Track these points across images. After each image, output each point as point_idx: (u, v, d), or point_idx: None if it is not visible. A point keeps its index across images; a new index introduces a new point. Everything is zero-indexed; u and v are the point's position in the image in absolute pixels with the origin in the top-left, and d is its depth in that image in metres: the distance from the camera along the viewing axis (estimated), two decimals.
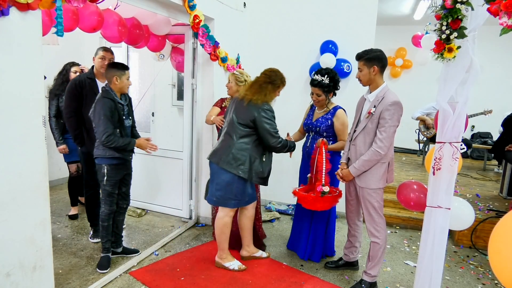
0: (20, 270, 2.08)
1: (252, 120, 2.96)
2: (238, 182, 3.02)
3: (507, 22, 1.69)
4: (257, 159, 3.04)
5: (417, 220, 4.41)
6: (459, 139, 2.26)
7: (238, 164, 2.98)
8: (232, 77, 3.46)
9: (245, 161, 2.99)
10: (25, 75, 2.02)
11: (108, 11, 3.16)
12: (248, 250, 3.42)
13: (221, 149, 3.07)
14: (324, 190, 2.95)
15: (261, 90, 3.01)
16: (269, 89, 3.04)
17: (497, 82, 7.60)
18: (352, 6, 4.37)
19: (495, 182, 5.72)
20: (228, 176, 3.00)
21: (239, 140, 3.01)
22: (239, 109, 3.04)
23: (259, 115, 2.94)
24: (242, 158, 2.99)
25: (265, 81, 3.05)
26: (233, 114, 3.07)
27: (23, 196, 2.06)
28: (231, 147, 3.01)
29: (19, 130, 1.99)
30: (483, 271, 3.45)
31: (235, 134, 3.02)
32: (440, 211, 2.34)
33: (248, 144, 3.01)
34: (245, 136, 3.01)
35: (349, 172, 2.87)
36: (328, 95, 3.25)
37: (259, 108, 2.95)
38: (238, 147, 2.99)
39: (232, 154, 2.99)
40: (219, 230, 3.17)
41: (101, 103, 2.92)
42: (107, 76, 3.00)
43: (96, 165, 3.09)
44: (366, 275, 2.98)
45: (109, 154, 3.00)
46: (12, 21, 1.90)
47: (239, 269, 3.21)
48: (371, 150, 2.72)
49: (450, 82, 2.23)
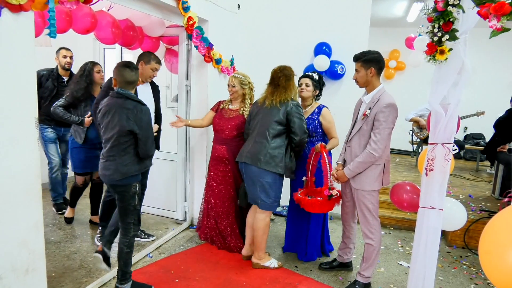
0: (12, 273, 2.06)
1: (284, 115, 3.08)
2: (279, 182, 3.18)
3: (497, 25, 1.71)
4: (287, 155, 3.16)
5: (410, 220, 4.43)
6: (451, 140, 2.28)
7: (277, 162, 3.09)
8: (236, 80, 3.47)
9: (282, 158, 3.11)
10: (17, 76, 2.01)
11: (101, 13, 3.15)
12: (252, 249, 3.42)
13: (256, 151, 3.14)
14: (331, 194, 2.99)
15: (291, 89, 3.15)
16: (292, 86, 3.17)
17: (489, 84, 7.67)
18: (346, 8, 4.39)
19: (487, 183, 5.78)
20: (270, 177, 3.11)
21: (272, 140, 3.11)
22: (267, 112, 3.15)
23: (291, 111, 3.06)
24: (278, 156, 3.09)
25: (286, 81, 3.15)
26: (261, 117, 3.18)
27: (15, 199, 2.04)
28: (266, 147, 3.10)
29: (12, 132, 1.97)
30: (476, 271, 3.47)
31: (268, 135, 3.11)
32: (432, 212, 2.36)
33: (281, 142, 3.12)
34: (277, 135, 3.11)
35: (344, 173, 2.89)
36: (314, 90, 3.37)
37: (291, 105, 3.08)
38: (273, 146, 3.10)
39: (269, 154, 3.09)
40: (261, 231, 3.22)
41: (142, 111, 2.62)
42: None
43: (123, 187, 2.66)
44: (360, 276, 2.99)
45: (145, 165, 2.76)
46: (4, 22, 1.88)
47: (278, 266, 3.35)
48: (365, 152, 2.73)
49: (442, 84, 2.25)
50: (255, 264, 3.29)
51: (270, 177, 3.11)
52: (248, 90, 3.54)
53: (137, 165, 2.67)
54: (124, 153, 2.60)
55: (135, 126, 2.55)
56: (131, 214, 2.73)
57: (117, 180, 2.62)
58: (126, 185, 2.66)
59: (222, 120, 3.53)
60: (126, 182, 2.65)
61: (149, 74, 3.33)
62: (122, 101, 2.56)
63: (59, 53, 4.05)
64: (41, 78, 3.97)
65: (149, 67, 3.29)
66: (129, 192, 2.68)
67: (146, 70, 3.29)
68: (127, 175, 2.62)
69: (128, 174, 2.62)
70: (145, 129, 2.61)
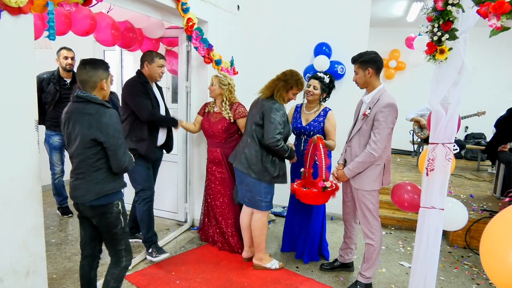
0: (13, 275, 2.06)
1: (261, 116, 3.01)
2: (259, 185, 3.08)
3: (496, 24, 1.71)
4: (268, 158, 3.06)
5: (412, 221, 4.42)
6: (452, 140, 2.28)
7: (250, 164, 3.04)
8: (216, 79, 3.46)
9: (257, 162, 3.04)
10: (17, 79, 2.01)
11: (101, 15, 3.16)
12: (252, 251, 3.41)
13: (238, 150, 3.18)
14: (326, 185, 2.96)
15: (272, 85, 3.07)
16: (280, 87, 3.04)
17: (489, 83, 7.66)
18: (346, 8, 4.39)
19: (488, 183, 5.76)
20: (249, 179, 3.08)
21: (253, 140, 3.07)
22: (253, 109, 3.13)
23: (268, 109, 2.97)
24: (253, 159, 3.04)
25: (278, 78, 3.09)
26: (250, 115, 3.16)
27: (15, 201, 2.04)
28: (245, 147, 3.09)
29: (11, 134, 1.98)
30: (477, 271, 3.46)
31: (250, 135, 3.09)
32: (434, 212, 2.36)
33: (260, 144, 3.04)
34: (258, 135, 3.04)
35: (344, 173, 2.89)
36: (322, 93, 3.30)
37: (270, 104, 3.00)
38: (251, 147, 3.06)
39: (245, 154, 3.07)
40: (258, 231, 3.19)
41: (112, 118, 2.19)
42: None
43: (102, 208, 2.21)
44: (361, 277, 2.99)
45: (122, 183, 2.32)
46: (4, 25, 1.89)
47: (280, 267, 3.32)
48: (365, 152, 2.73)
49: (442, 84, 2.24)
50: (256, 266, 3.28)
51: (249, 178, 3.09)
52: (226, 91, 3.48)
53: (112, 183, 2.21)
54: (95, 169, 2.16)
55: (99, 133, 2.10)
56: (121, 239, 2.30)
57: (92, 201, 2.17)
58: (105, 205, 2.20)
59: (209, 124, 3.53)
60: (104, 201, 2.19)
61: (157, 72, 3.26)
62: (82, 106, 2.14)
63: (59, 54, 3.95)
64: (41, 83, 3.83)
65: (154, 65, 3.23)
66: (112, 212, 2.22)
67: (153, 69, 3.24)
68: (101, 195, 2.18)
69: (102, 194, 2.18)
70: (113, 136, 2.13)
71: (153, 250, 3.33)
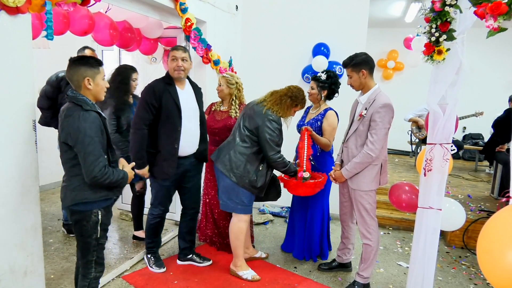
0: (11, 275, 2.06)
1: (255, 128, 2.89)
2: (237, 190, 2.95)
3: (493, 24, 1.71)
4: (253, 166, 2.94)
5: (409, 221, 4.43)
6: (449, 140, 2.29)
7: (232, 167, 2.92)
8: (223, 79, 3.45)
9: (240, 166, 2.91)
10: (15, 79, 2.01)
11: (99, 14, 3.16)
12: (248, 252, 3.41)
13: (222, 148, 3.04)
14: (304, 176, 2.96)
15: (279, 102, 2.94)
16: (287, 104, 2.95)
17: (487, 84, 7.68)
18: (344, 9, 4.39)
19: (486, 183, 5.78)
20: (228, 181, 2.94)
21: (240, 142, 2.94)
22: (249, 113, 2.97)
23: (262, 124, 2.86)
24: (237, 162, 2.92)
25: (286, 94, 2.97)
26: (242, 116, 3.03)
27: (13, 201, 2.04)
28: (231, 148, 2.96)
29: (9, 134, 1.98)
30: (475, 272, 3.47)
31: (239, 136, 2.96)
32: (431, 212, 2.37)
33: (248, 149, 2.93)
34: (247, 140, 2.93)
35: (341, 174, 2.89)
36: (321, 91, 3.28)
37: (264, 118, 2.88)
38: (238, 149, 2.93)
39: (229, 156, 2.94)
40: (233, 235, 3.07)
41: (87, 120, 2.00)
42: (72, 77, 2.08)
43: (78, 214, 2.10)
44: (359, 277, 2.99)
45: (102, 196, 2.13)
46: (2, 24, 1.89)
47: (252, 279, 3.08)
48: (362, 153, 2.74)
49: (440, 84, 2.25)
50: (231, 271, 3.19)
51: (227, 180, 2.95)
52: (235, 90, 3.46)
53: (89, 191, 2.07)
54: (72, 174, 2.07)
55: (68, 137, 1.98)
56: (93, 250, 2.17)
57: (70, 206, 2.08)
58: (83, 211, 2.09)
59: (214, 122, 3.51)
60: (82, 208, 2.08)
61: (172, 66, 2.88)
62: (66, 106, 2.05)
63: (83, 53, 3.44)
64: (60, 82, 3.29)
65: (169, 60, 2.92)
66: (88, 221, 2.10)
67: (169, 65, 2.91)
68: (75, 202, 2.07)
69: (76, 201, 2.06)
70: (81, 141, 1.96)
71: (150, 259, 3.24)
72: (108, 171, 2.04)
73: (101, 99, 2.17)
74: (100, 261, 2.23)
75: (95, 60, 2.09)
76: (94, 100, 2.12)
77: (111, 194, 2.17)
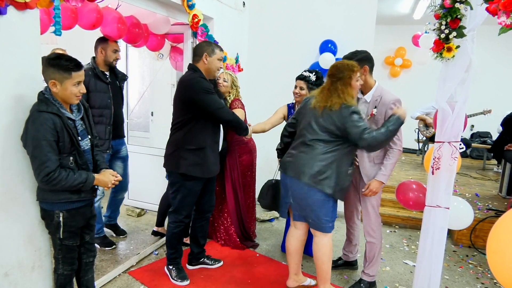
0: (19, 270, 2.08)
1: (337, 128, 2.47)
2: (328, 202, 2.57)
3: (506, 21, 1.69)
4: (343, 172, 2.56)
5: (416, 219, 4.40)
6: (458, 138, 2.26)
7: (323, 178, 2.49)
8: (230, 77, 3.45)
9: (331, 175, 2.51)
10: (24, 75, 2.01)
11: (107, 9, 3.16)
12: (296, 279, 2.96)
13: (301, 160, 2.57)
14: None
15: (331, 94, 2.51)
16: (341, 88, 2.50)
17: (496, 82, 7.60)
18: (352, 6, 4.37)
19: (494, 182, 5.73)
20: (321, 195, 2.52)
21: (323, 150, 2.51)
22: (317, 118, 2.55)
23: (346, 121, 2.43)
24: (327, 171, 2.50)
25: (331, 83, 2.54)
26: (313, 121, 2.57)
27: (22, 196, 2.05)
28: (314, 158, 2.52)
29: (19, 130, 1.98)
30: (482, 271, 3.45)
31: (319, 143, 2.53)
32: (439, 211, 2.34)
33: (335, 156, 2.51)
34: (331, 145, 2.52)
35: (378, 182, 2.75)
36: (310, 92, 3.21)
37: (342, 114, 2.44)
38: (323, 158, 2.50)
39: (317, 167, 2.50)
40: (326, 257, 2.67)
41: (36, 122, 1.90)
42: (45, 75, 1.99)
43: (43, 211, 2.10)
44: (365, 275, 2.99)
45: (63, 199, 2.04)
46: (10, 20, 1.89)
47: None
48: (392, 151, 2.72)
49: (449, 82, 2.23)
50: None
51: (317, 195, 2.54)
52: (235, 90, 3.49)
53: (48, 192, 2.01)
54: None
55: (23, 139, 1.94)
56: (58, 249, 2.14)
57: (38, 201, 2.09)
58: (46, 210, 2.06)
59: None
60: (45, 206, 2.06)
61: (217, 66, 2.75)
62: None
63: (108, 46, 3.21)
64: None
65: (215, 58, 2.73)
66: (52, 220, 2.07)
67: (213, 63, 2.72)
68: (40, 199, 2.07)
69: (40, 199, 2.07)
70: (28, 145, 1.90)
71: (172, 270, 3.02)
72: (58, 176, 1.92)
73: (72, 103, 2.05)
74: (66, 260, 2.17)
75: (72, 64, 1.94)
76: (64, 102, 2.02)
77: (75, 197, 2.06)
